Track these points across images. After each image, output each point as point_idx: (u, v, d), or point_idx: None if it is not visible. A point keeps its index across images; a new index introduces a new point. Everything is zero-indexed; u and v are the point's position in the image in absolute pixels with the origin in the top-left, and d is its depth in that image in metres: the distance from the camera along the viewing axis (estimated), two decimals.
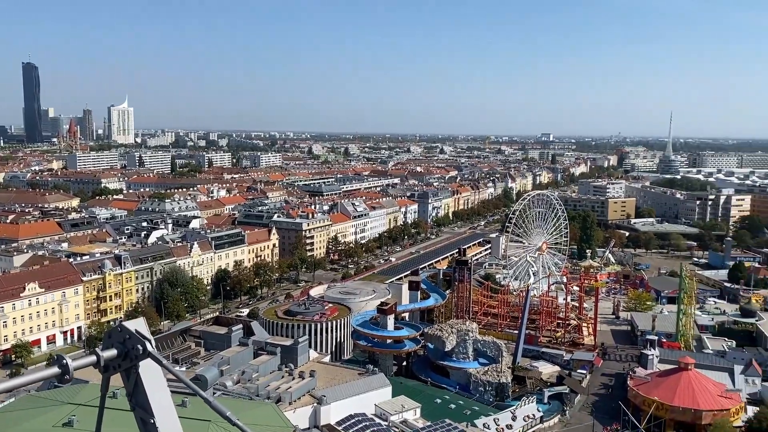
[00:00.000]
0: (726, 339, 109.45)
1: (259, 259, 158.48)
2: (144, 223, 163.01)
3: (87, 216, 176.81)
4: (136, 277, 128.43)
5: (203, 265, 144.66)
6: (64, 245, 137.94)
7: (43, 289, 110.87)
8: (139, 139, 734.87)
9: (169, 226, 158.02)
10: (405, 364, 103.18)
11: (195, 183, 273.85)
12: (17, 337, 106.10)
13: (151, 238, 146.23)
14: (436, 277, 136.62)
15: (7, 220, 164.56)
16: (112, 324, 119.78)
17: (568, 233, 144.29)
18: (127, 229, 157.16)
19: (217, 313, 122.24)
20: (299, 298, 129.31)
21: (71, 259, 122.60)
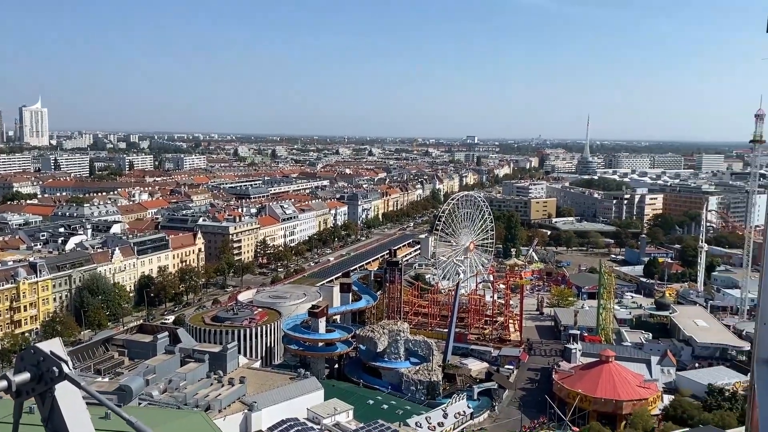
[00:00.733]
0: (643, 332, 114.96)
1: (185, 264, 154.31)
2: (61, 229, 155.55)
3: None
4: (53, 286, 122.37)
5: (125, 271, 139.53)
6: None
7: None
8: (54, 141, 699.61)
9: (89, 232, 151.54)
10: (337, 366, 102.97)
11: (115, 186, 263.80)
12: None
13: (69, 245, 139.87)
14: (367, 279, 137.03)
15: None
16: (27, 336, 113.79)
17: (494, 233, 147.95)
18: (42, 235, 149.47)
19: (142, 321, 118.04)
20: (227, 303, 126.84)
21: None
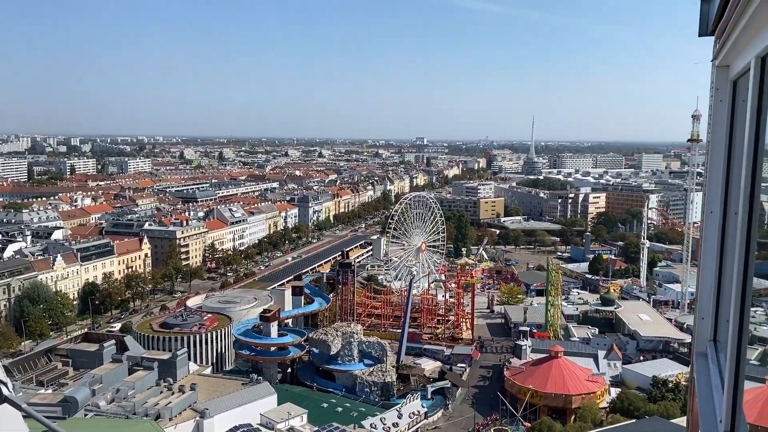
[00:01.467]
0: (589, 327, 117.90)
1: (131, 270, 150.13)
2: None
3: None
4: None
5: (68, 278, 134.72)
6: None
7: None
8: None
9: (28, 238, 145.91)
10: (290, 370, 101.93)
11: (56, 191, 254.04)
12: None
13: (7, 252, 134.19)
14: (319, 281, 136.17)
15: None
16: None
17: (445, 233, 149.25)
18: None
19: (86, 330, 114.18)
20: (176, 309, 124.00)
21: None
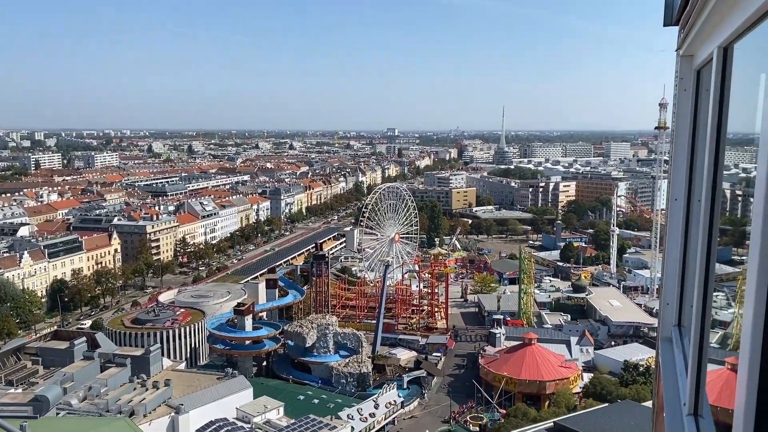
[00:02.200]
0: (562, 314, 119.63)
1: (100, 266, 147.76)
2: None
3: None
4: None
5: (36, 276, 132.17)
6: None
7: None
8: None
9: None
10: (265, 364, 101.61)
11: (21, 187, 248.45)
12: None
13: None
14: (293, 274, 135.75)
15: None
16: None
17: (418, 223, 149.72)
18: None
19: (56, 327, 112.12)
20: (147, 305, 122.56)
21: None
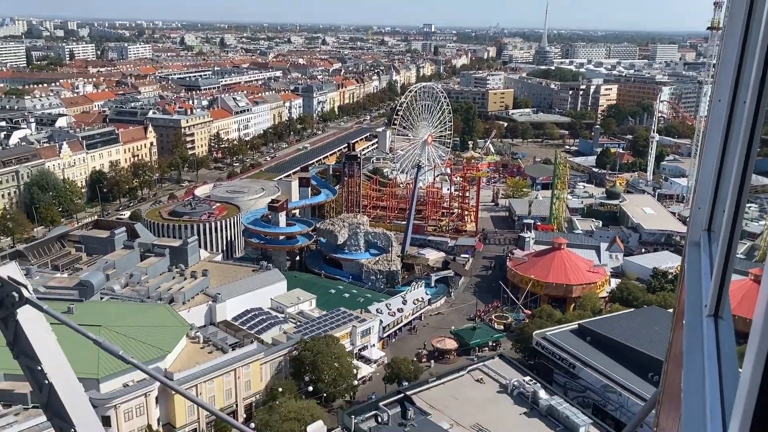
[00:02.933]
0: (593, 220, 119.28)
1: (137, 158, 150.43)
2: (2, 123, 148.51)
3: None
4: (0, 182, 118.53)
5: (75, 166, 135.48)
6: None
7: None
8: None
9: (32, 126, 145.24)
10: (298, 258, 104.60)
11: (57, 78, 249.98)
12: None
13: (13, 139, 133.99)
14: (325, 173, 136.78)
15: None
16: None
17: (452, 125, 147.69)
18: None
19: (96, 217, 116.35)
20: (184, 198, 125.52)
21: None
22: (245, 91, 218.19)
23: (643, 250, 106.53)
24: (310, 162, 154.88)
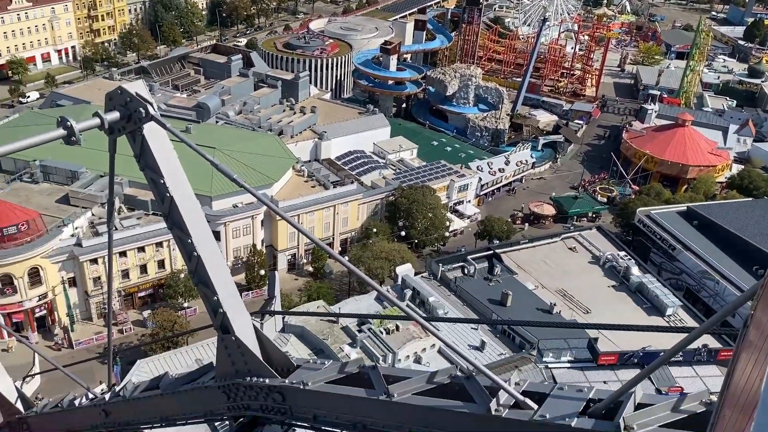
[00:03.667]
0: (727, 98, 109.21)
1: None
2: None
3: None
4: None
5: None
6: None
7: (30, 3, 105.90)
8: None
9: None
10: (405, 106, 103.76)
11: None
12: (11, 52, 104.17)
13: None
14: (443, 17, 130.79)
15: None
16: (106, 45, 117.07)
17: None
18: None
19: (215, 41, 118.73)
20: (298, 31, 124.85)
21: None
22: None
23: None
24: (429, 3, 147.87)
